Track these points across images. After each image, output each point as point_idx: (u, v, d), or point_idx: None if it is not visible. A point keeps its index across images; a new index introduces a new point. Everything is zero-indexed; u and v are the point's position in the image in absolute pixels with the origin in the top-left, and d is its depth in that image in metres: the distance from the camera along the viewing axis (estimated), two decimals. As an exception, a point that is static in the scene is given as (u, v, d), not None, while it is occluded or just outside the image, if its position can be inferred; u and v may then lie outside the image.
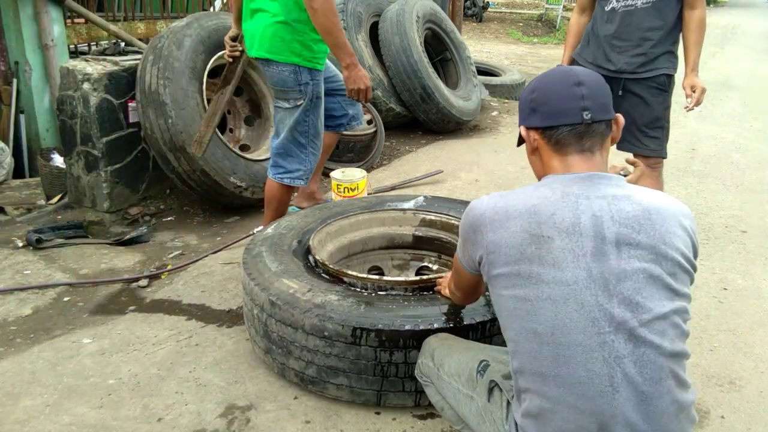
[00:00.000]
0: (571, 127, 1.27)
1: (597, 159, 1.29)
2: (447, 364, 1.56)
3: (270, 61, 2.60)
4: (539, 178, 1.39)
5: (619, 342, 1.14)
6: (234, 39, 2.92)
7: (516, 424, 1.27)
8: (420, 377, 1.70)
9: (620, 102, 2.82)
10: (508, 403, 1.34)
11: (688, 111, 2.76)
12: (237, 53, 2.93)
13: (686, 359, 1.20)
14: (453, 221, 2.53)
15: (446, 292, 1.84)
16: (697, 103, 2.70)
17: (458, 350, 1.58)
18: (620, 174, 1.43)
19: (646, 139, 2.83)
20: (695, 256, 1.25)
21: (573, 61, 3.00)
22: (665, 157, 2.92)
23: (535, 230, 1.21)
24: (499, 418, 1.35)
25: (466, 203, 2.77)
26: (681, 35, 2.78)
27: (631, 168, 1.66)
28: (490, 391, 1.39)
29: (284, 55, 2.56)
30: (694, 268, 1.24)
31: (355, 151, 4.48)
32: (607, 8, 2.79)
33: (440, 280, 1.95)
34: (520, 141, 1.42)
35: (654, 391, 1.13)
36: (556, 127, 1.28)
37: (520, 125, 1.38)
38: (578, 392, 1.14)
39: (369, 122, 4.57)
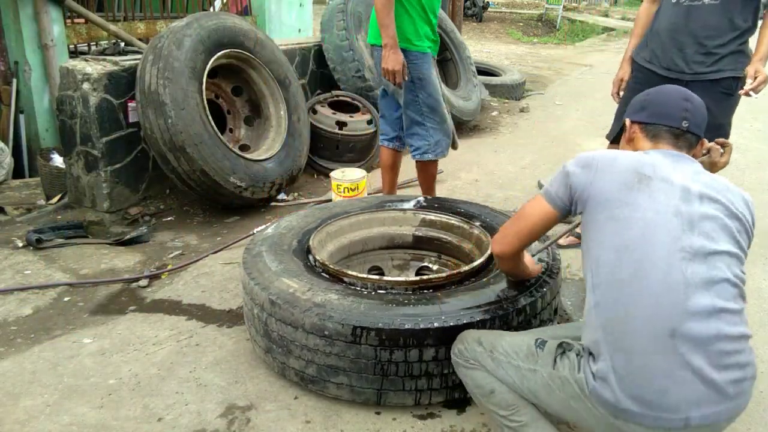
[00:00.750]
0: (669, 129, 1.56)
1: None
2: (500, 345, 1.61)
3: (374, 47, 2.95)
4: None
5: (695, 264, 1.34)
6: None
7: (591, 371, 1.39)
8: (464, 362, 1.67)
9: None
10: (578, 356, 1.45)
11: (742, 95, 2.56)
12: None
13: (744, 300, 1.41)
14: (453, 221, 2.54)
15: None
16: (755, 90, 2.48)
17: (507, 334, 1.67)
18: (703, 154, 1.74)
19: None
20: (752, 230, 1.47)
21: (631, 60, 2.87)
22: None
23: (638, 169, 1.45)
24: (568, 376, 1.44)
25: (466, 203, 2.77)
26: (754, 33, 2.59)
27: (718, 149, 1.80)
28: (555, 360, 1.49)
29: (379, 39, 2.83)
30: (751, 238, 1.46)
31: (355, 151, 4.48)
32: (673, 0, 2.62)
33: None
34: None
35: (719, 308, 1.33)
36: (657, 125, 1.58)
37: (627, 117, 1.67)
38: (654, 302, 1.32)
39: (369, 122, 4.57)
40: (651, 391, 1.31)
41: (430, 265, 2.63)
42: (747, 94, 2.53)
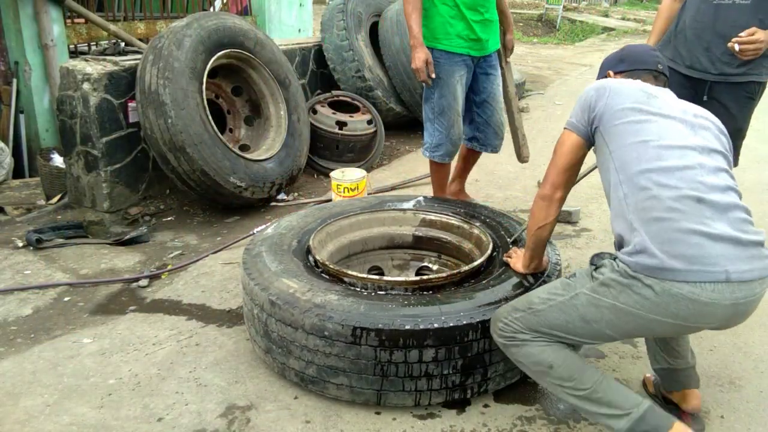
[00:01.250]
0: (647, 71, 1.82)
1: None
2: (535, 297, 1.68)
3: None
4: None
5: (703, 156, 1.56)
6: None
7: (628, 252, 1.50)
8: (511, 341, 1.68)
9: (704, 107, 2.66)
10: (612, 259, 1.56)
11: (728, 45, 2.45)
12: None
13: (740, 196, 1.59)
14: (453, 221, 2.54)
15: (518, 267, 2.04)
16: (742, 44, 2.38)
17: (534, 291, 1.74)
18: None
19: None
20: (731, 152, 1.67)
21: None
22: (735, 166, 2.68)
23: (645, 89, 1.68)
24: (610, 276, 1.53)
25: (465, 203, 2.77)
26: None
27: None
28: (592, 275, 1.58)
29: (428, 41, 2.95)
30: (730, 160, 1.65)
31: (355, 151, 4.48)
32: None
33: (512, 254, 2.12)
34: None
35: (729, 186, 1.55)
36: (637, 70, 1.82)
37: (605, 72, 1.89)
38: (678, 177, 1.51)
39: (369, 122, 4.57)
40: (689, 247, 1.44)
41: (430, 265, 2.63)
42: (732, 46, 2.43)
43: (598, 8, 20.63)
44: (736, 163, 2.74)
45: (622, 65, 1.87)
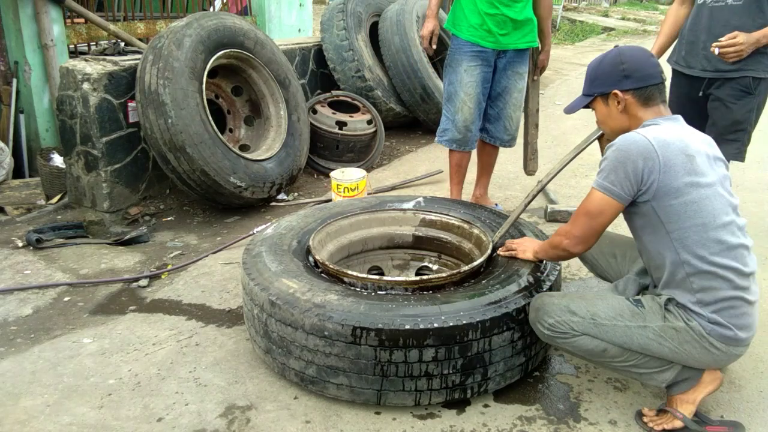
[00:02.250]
0: (655, 87, 1.79)
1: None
2: (599, 312, 1.77)
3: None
4: (619, 132, 1.80)
5: (733, 202, 1.73)
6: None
7: (702, 327, 1.69)
8: (562, 335, 1.78)
9: (702, 103, 2.76)
10: (685, 308, 1.72)
11: (710, 49, 2.63)
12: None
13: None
14: (453, 221, 2.53)
15: (527, 255, 2.09)
16: (723, 46, 2.54)
17: (592, 301, 1.82)
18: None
19: (724, 142, 2.68)
20: None
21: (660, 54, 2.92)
22: (742, 161, 2.84)
23: (685, 151, 1.68)
24: (683, 326, 1.71)
25: (466, 204, 2.77)
26: None
27: None
28: (665, 316, 1.73)
29: (451, 26, 3.15)
30: None
31: (355, 151, 4.48)
32: (699, 1, 2.73)
33: (515, 246, 2.16)
34: (586, 106, 1.91)
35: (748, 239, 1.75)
36: (647, 87, 1.78)
37: (609, 90, 1.81)
38: (732, 255, 1.68)
39: (369, 122, 4.57)
40: (747, 318, 1.71)
41: (430, 265, 2.63)
42: (713, 49, 2.61)
43: (598, 8, 20.63)
44: (742, 159, 2.83)
45: (629, 82, 1.78)
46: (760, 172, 4.54)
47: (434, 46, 3.07)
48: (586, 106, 1.92)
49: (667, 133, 1.70)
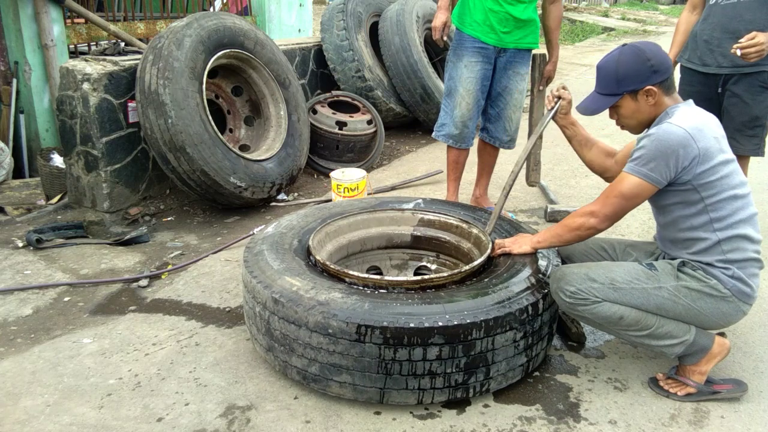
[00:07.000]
0: (671, 75, 1.94)
1: None
2: (617, 277, 1.89)
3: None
4: (646, 124, 1.97)
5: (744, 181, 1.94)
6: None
7: (722, 282, 1.86)
8: (583, 302, 1.87)
9: (719, 100, 2.76)
10: (706, 268, 1.88)
11: (731, 51, 2.54)
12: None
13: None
14: (451, 221, 2.53)
15: (524, 249, 2.17)
16: (744, 47, 2.46)
17: (609, 267, 1.95)
18: (555, 100, 2.30)
19: (743, 138, 2.75)
20: None
21: (676, 63, 2.94)
22: (762, 156, 2.87)
23: (714, 134, 1.86)
24: (696, 285, 1.87)
25: (465, 205, 2.77)
26: None
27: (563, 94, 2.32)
28: (678, 275, 1.89)
29: (458, 22, 3.19)
30: None
31: (355, 151, 4.48)
32: (711, 2, 2.76)
33: (507, 243, 2.22)
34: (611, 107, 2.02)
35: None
36: (670, 77, 1.93)
37: (642, 86, 1.89)
38: (752, 222, 1.90)
39: (369, 122, 4.56)
40: (757, 284, 1.91)
41: (428, 265, 2.62)
42: (735, 51, 2.52)
43: (598, 8, 20.63)
44: (762, 153, 2.87)
45: (658, 76, 1.89)
46: (760, 172, 4.54)
47: (446, 38, 3.10)
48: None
49: (695, 119, 1.84)
